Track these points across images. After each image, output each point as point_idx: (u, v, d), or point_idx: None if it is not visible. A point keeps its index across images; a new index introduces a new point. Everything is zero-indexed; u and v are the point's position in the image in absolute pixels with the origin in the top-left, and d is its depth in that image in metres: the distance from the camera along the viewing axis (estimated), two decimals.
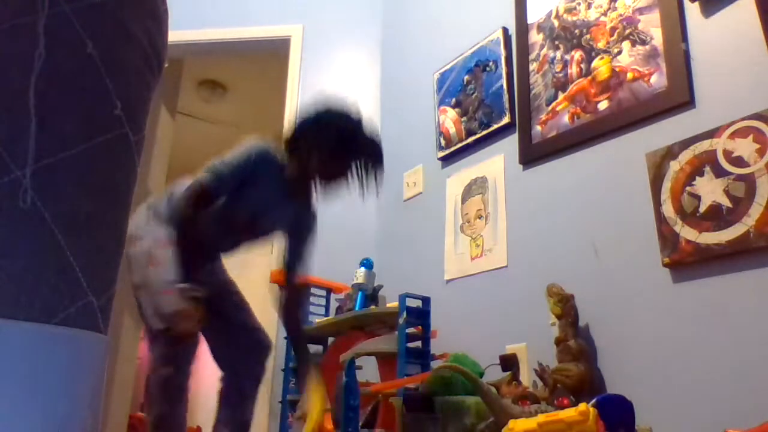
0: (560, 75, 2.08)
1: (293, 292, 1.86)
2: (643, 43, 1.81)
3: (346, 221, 2.89)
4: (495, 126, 2.31)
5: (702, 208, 1.54)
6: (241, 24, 3.37)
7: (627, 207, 1.75)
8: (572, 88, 2.02)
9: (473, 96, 2.47)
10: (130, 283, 1.57)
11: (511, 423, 1.14)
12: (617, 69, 1.87)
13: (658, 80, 1.74)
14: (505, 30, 2.40)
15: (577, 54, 2.03)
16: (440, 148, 2.58)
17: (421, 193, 2.68)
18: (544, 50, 2.17)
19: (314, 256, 2.34)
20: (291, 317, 1.87)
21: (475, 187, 2.37)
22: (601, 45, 1.95)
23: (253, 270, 4.77)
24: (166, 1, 0.57)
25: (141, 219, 1.65)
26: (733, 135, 1.52)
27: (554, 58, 2.12)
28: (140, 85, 0.52)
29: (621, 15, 1.91)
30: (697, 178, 1.57)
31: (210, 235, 1.74)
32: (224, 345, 1.89)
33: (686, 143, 1.61)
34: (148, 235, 1.57)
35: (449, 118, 2.56)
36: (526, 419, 1.13)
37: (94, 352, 0.45)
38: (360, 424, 1.73)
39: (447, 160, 2.55)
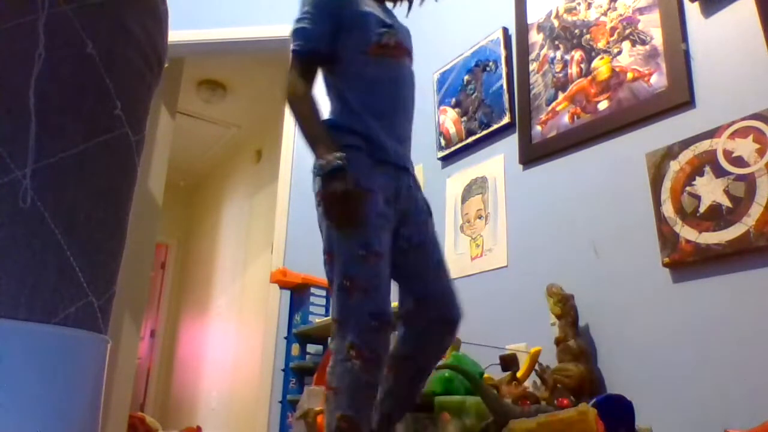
0: (560, 75, 2.08)
1: None
2: (643, 43, 1.81)
3: None
4: (495, 126, 2.31)
5: (702, 208, 1.54)
6: (241, 24, 3.37)
7: (627, 207, 1.75)
8: (572, 88, 2.02)
9: (473, 96, 2.47)
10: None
11: (511, 423, 1.14)
12: (617, 69, 1.87)
13: (658, 80, 1.74)
14: (505, 30, 2.40)
15: (577, 54, 2.03)
16: (440, 148, 2.57)
17: None
18: (544, 50, 2.17)
19: (314, 256, 2.33)
20: None
21: (475, 187, 2.37)
22: (601, 45, 1.95)
23: (253, 270, 4.76)
24: (166, 1, 0.57)
25: None
26: (733, 135, 1.52)
27: (554, 58, 2.12)
28: (140, 85, 0.52)
29: (621, 15, 1.91)
30: (697, 178, 1.57)
31: (383, 99, 1.41)
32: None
33: (686, 143, 1.61)
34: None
35: (449, 118, 2.56)
36: (526, 419, 1.13)
37: (94, 352, 0.45)
38: None
39: (447, 159, 2.55)
